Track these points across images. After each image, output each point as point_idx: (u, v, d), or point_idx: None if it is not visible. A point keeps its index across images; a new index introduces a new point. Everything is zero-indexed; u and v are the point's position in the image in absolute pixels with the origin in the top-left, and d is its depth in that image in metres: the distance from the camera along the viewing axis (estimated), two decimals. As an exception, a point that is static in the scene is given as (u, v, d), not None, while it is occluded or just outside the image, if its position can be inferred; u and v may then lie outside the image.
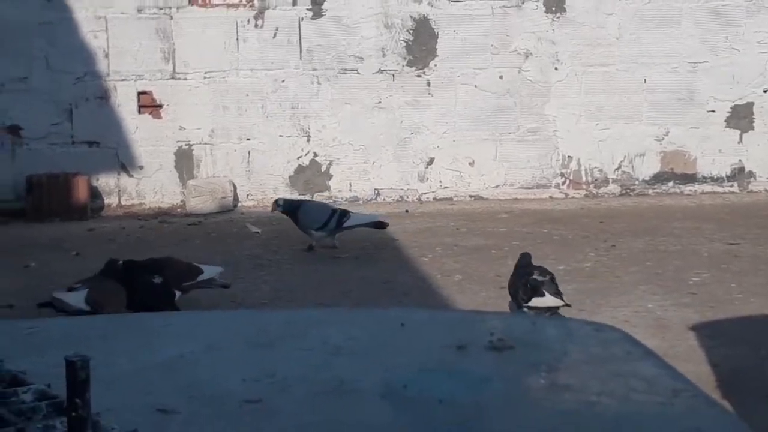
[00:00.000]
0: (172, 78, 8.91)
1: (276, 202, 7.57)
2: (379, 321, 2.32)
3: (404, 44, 9.03)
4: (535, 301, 5.76)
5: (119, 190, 8.94)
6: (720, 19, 9.10)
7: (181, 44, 8.89)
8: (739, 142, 9.25)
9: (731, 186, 9.22)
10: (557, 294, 5.81)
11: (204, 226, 8.20)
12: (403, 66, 9.05)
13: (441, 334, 2.16)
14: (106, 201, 8.91)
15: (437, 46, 9.04)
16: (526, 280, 5.83)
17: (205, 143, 9.01)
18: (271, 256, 7.36)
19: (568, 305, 5.85)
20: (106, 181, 8.91)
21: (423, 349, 2.06)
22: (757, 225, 7.96)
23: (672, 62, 9.12)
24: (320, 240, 7.34)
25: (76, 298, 5.45)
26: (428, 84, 9.07)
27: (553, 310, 5.85)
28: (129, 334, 2.21)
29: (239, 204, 9.00)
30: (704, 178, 9.25)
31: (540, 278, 5.81)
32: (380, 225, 7.42)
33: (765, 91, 9.19)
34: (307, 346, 2.08)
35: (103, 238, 7.90)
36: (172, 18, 8.85)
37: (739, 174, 9.22)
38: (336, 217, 7.25)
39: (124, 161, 8.94)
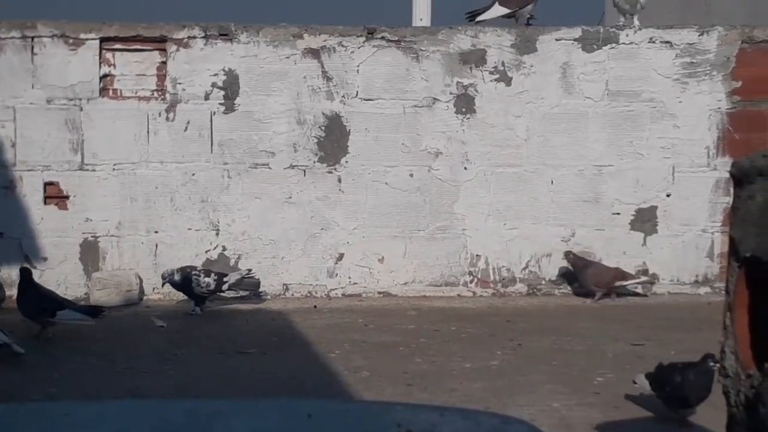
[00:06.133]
0: (80, 169, 8.83)
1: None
2: (285, 412, 2.30)
3: (316, 140, 9.08)
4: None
5: (22, 282, 8.76)
6: (625, 124, 9.31)
7: (91, 135, 8.82)
8: (643, 245, 9.41)
9: (635, 288, 9.34)
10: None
11: (108, 320, 8.04)
12: (314, 162, 9.09)
13: (348, 425, 2.14)
14: (8, 293, 8.69)
15: (349, 143, 9.10)
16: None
17: (112, 235, 8.91)
18: (176, 350, 7.25)
19: None
20: (8, 273, 8.72)
21: (329, 441, 2.03)
22: (661, 326, 8.06)
23: (578, 165, 9.30)
24: None
25: None
26: (339, 180, 9.11)
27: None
28: (32, 422, 2.16)
29: (145, 297, 8.88)
30: (609, 279, 9.37)
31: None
32: None
33: (668, 196, 9.38)
34: (211, 437, 2.04)
35: (3, 330, 7.70)
36: (82, 109, 8.80)
37: (643, 276, 9.35)
38: None
39: (27, 252, 8.79)
